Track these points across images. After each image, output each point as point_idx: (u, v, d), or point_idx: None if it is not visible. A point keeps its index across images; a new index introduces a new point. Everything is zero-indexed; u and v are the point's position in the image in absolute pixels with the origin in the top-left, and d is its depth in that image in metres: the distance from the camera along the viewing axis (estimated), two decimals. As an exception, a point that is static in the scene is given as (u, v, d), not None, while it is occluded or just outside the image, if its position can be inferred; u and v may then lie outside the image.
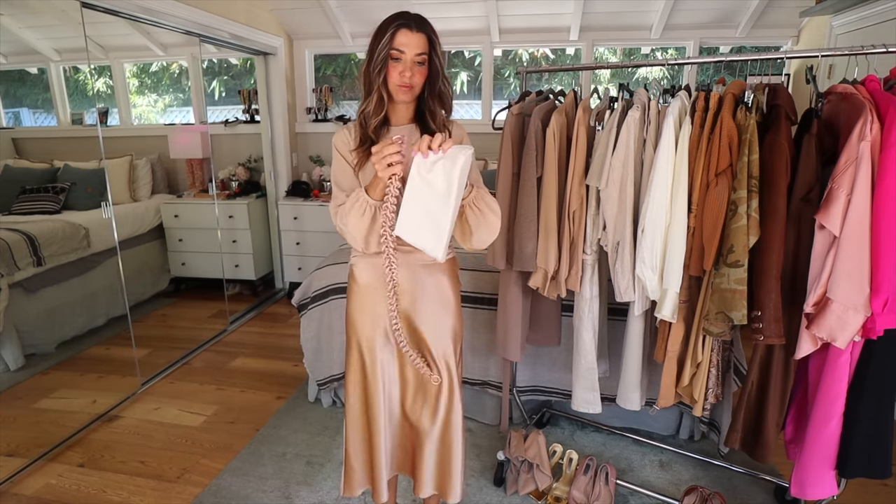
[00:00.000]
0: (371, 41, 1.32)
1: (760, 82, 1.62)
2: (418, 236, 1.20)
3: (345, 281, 2.41)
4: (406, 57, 1.29)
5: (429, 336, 1.47)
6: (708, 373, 1.74)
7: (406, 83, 1.31)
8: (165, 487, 2.06)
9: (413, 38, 1.28)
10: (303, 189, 4.09)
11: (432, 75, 1.35)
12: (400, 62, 1.30)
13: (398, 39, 1.28)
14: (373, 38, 1.32)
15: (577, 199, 1.83)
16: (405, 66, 1.30)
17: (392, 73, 1.31)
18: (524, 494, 1.98)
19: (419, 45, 1.29)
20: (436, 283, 1.47)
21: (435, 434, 1.52)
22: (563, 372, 2.29)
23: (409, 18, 1.30)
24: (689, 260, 1.65)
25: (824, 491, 1.65)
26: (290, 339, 3.41)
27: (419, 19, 1.31)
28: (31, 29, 3.52)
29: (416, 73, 1.31)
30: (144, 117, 4.45)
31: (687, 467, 2.15)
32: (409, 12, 1.32)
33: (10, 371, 2.81)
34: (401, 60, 1.29)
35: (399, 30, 1.28)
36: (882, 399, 1.53)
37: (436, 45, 1.31)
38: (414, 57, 1.29)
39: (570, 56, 4.09)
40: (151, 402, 2.68)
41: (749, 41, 3.69)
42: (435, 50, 1.31)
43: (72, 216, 3.33)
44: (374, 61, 1.31)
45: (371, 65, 1.32)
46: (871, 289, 1.38)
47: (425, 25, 1.31)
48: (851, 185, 1.37)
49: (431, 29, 1.32)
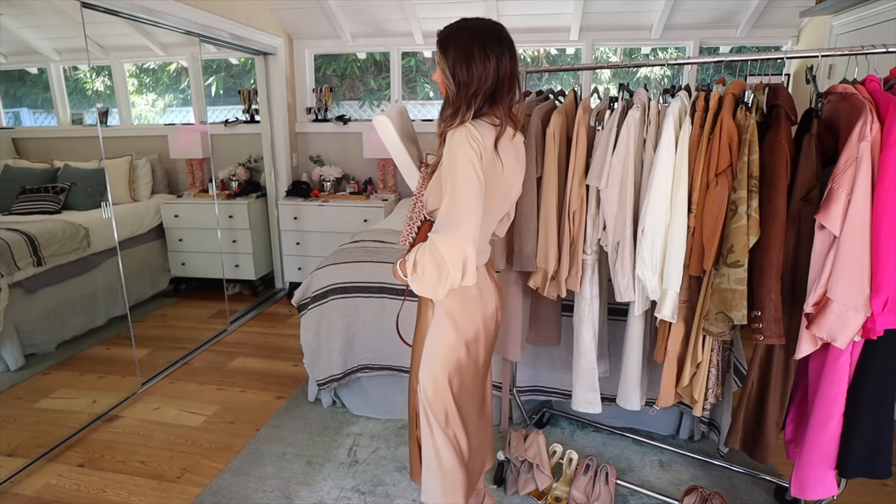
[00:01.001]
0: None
1: (760, 82, 1.62)
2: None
3: (345, 281, 2.42)
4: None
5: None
6: (708, 373, 1.74)
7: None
8: (165, 487, 2.06)
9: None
10: (303, 189, 4.09)
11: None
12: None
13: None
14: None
15: (577, 199, 1.83)
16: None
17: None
18: (524, 494, 1.98)
19: (438, 59, 1.36)
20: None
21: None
22: (563, 372, 2.29)
23: (439, 34, 1.36)
24: (689, 260, 1.65)
25: (824, 491, 1.65)
26: (290, 339, 3.41)
27: (440, 38, 1.35)
28: (31, 29, 3.52)
29: (441, 82, 1.37)
30: (144, 117, 4.46)
31: (687, 467, 2.15)
32: (447, 27, 1.34)
33: (10, 371, 2.81)
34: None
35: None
36: (882, 399, 1.53)
37: (448, 65, 1.30)
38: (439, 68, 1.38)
39: (570, 56, 4.09)
40: (151, 402, 2.68)
41: (749, 41, 3.69)
42: (448, 69, 1.31)
43: (72, 216, 3.33)
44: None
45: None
46: (871, 289, 1.38)
47: (441, 44, 1.34)
48: (851, 185, 1.37)
49: (448, 48, 1.32)
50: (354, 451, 2.26)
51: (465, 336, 1.43)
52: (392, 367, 2.41)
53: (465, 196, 1.22)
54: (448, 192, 1.24)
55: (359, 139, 4.15)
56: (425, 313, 1.47)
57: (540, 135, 1.86)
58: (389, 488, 2.03)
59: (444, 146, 1.29)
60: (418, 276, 1.26)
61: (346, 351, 2.44)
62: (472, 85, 1.28)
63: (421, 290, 1.28)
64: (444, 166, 1.28)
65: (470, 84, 1.28)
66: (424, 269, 1.24)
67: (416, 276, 1.26)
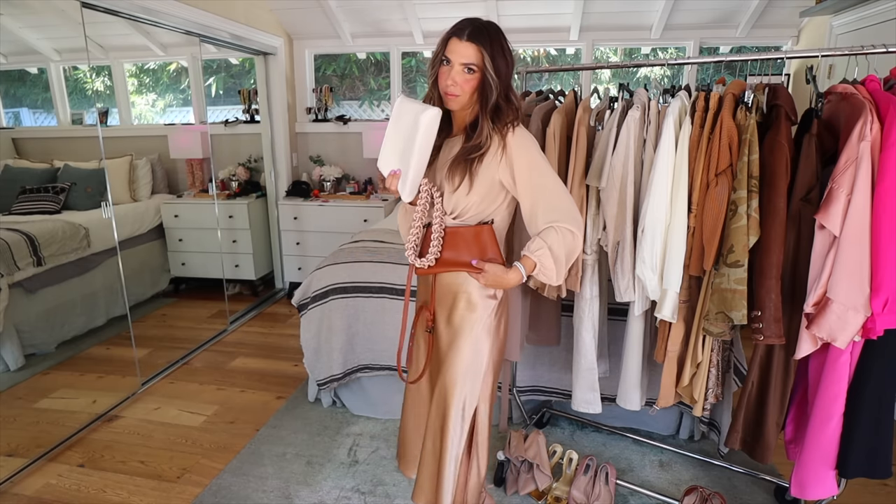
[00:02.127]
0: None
1: (760, 82, 1.62)
2: (389, 167, 1.38)
3: (345, 281, 2.42)
4: (453, 65, 1.29)
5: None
6: (708, 373, 1.74)
7: (451, 91, 1.30)
8: (165, 487, 2.06)
9: (461, 46, 1.27)
10: (303, 189, 4.09)
11: (485, 89, 1.31)
12: (449, 67, 1.30)
13: (448, 46, 1.29)
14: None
15: (578, 199, 1.83)
16: (449, 74, 1.30)
17: (442, 79, 1.32)
18: (524, 494, 1.98)
19: (467, 55, 1.27)
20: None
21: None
22: (563, 372, 2.29)
23: (466, 27, 1.28)
24: (689, 260, 1.65)
25: (824, 491, 1.65)
26: (290, 339, 3.41)
27: (476, 30, 1.28)
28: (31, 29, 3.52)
29: (463, 82, 1.29)
30: (144, 117, 4.46)
31: (687, 467, 2.15)
32: (475, 20, 1.30)
33: (10, 371, 2.80)
34: (450, 66, 1.30)
35: (451, 37, 1.29)
36: (882, 399, 1.53)
37: (488, 59, 1.27)
38: (460, 66, 1.28)
39: (570, 56, 4.09)
40: (151, 402, 2.68)
41: (749, 41, 3.69)
42: (487, 64, 1.27)
43: (72, 216, 3.33)
44: (431, 66, 1.34)
45: (429, 68, 1.36)
46: (872, 289, 1.38)
47: (481, 36, 1.27)
48: (851, 185, 1.37)
49: (489, 41, 1.27)
50: (354, 451, 2.26)
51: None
52: (392, 367, 2.41)
53: (562, 185, 1.35)
54: (549, 185, 1.33)
55: (359, 139, 4.15)
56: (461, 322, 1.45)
57: (540, 135, 1.86)
58: (389, 488, 2.03)
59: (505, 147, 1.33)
60: (559, 265, 1.30)
61: (346, 351, 2.44)
62: (509, 78, 1.31)
63: (558, 278, 1.32)
64: (527, 166, 1.32)
65: (509, 78, 1.31)
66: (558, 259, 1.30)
67: (557, 266, 1.30)
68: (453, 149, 1.40)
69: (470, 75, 1.29)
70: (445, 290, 1.44)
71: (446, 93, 1.31)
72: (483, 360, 1.45)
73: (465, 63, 1.28)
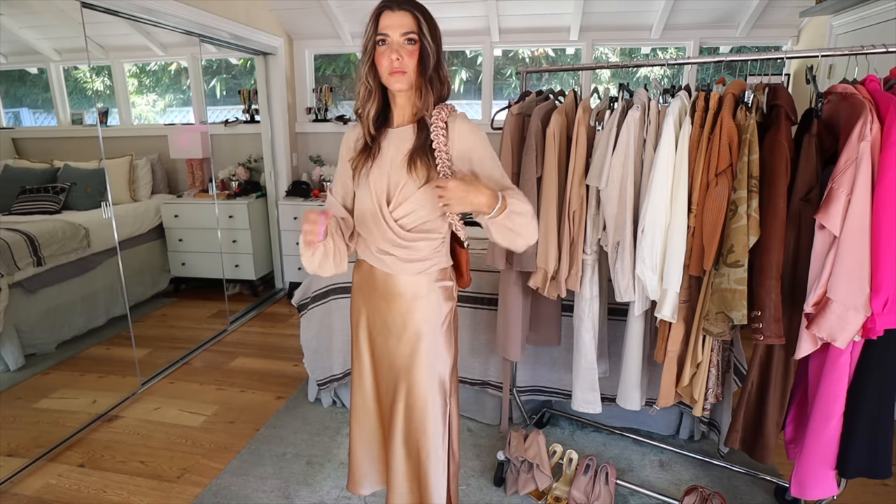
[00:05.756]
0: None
1: (760, 82, 1.62)
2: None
3: (346, 281, 2.41)
4: (392, 39, 1.20)
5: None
6: (708, 373, 1.74)
7: (396, 68, 1.21)
8: (165, 487, 2.06)
9: (396, 17, 1.20)
10: (303, 189, 4.09)
11: (423, 57, 1.23)
12: (387, 46, 1.21)
13: (382, 22, 1.21)
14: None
15: (577, 199, 1.83)
16: (392, 49, 1.20)
17: (381, 61, 1.22)
18: (524, 494, 1.98)
19: (404, 24, 1.20)
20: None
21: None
22: (563, 372, 2.29)
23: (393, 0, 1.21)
24: (689, 260, 1.65)
25: (824, 491, 1.65)
26: (290, 339, 3.41)
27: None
28: (31, 29, 3.52)
29: (406, 55, 1.21)
30: (144, 117, 4.46)
31: (687, 467, 2.15)
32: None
33: (10, 371, 2.81)
34: (388, 44, 1.21)
35: (382, 12, 1.21)
36: (882, 399, 1.53)
37: (424, 24, 1.21)
38: (400, 38, 1.20)
39: (570, 56, 4.09)
40: (151, 402, 2.68)
41: (749, 41, 3.69)
42: (423, 30, 1.21)
43: (72, 216, 3.33)
44: (364, 53, 1.26)
45: (362, 58, 1.27)
46: (872, 289, 1.38)
47: (411, 3, 1.22)
48: (851, 185, 1.37)
49: (419, 7, 1.22)
50: (354, 451, 2.26)
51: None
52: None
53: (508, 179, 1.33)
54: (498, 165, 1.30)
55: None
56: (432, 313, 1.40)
57: (540, 135, 1.86)
58: (389, 488, 2.03)
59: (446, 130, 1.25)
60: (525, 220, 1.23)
61: (346, 351, 2.43)
62: (441, 45, 1.27)
63: (531, 234, 1.24)
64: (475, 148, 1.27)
65: (441, 44, 1.27)
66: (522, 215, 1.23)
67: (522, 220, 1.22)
68: (403, 142, 1.30)
69: (412, 46, 1.21)
70: (396, 295, 1.38)
71: (392, 72, 1.22)
72: (449, 362, 1.43)
73: (405, 32, 1.20)
